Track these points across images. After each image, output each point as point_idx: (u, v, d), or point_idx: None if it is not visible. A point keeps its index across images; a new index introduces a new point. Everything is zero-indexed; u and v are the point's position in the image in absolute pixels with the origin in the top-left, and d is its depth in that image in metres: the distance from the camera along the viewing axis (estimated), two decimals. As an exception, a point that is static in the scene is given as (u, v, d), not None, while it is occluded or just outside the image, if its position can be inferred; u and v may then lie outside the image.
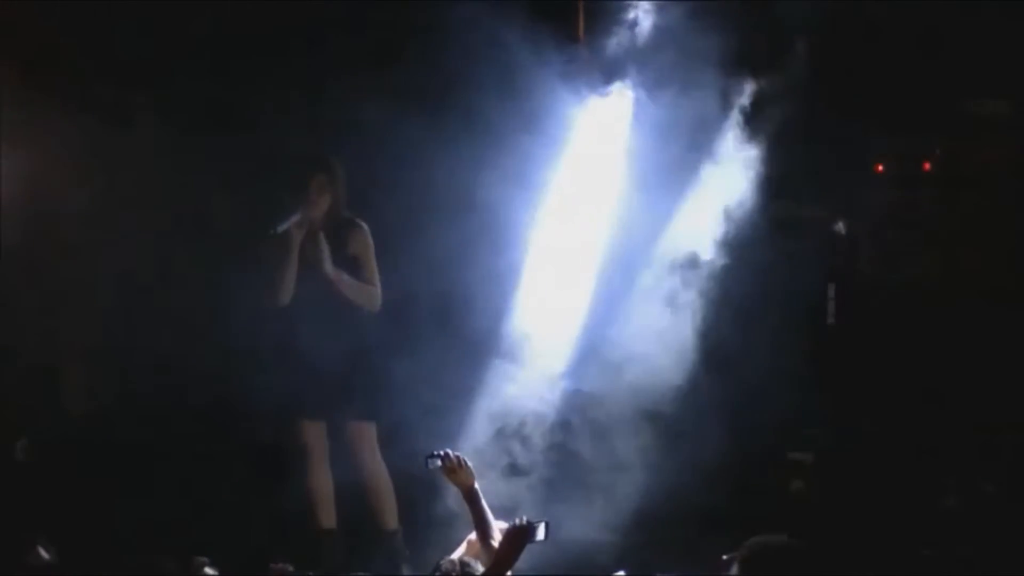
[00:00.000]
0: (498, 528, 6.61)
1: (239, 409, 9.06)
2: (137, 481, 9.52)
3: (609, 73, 9.45)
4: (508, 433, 9.45)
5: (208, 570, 6.70)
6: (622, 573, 6.55)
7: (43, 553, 6.95)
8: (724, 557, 5.72)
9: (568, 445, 9.59)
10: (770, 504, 9.31)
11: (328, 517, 8.76)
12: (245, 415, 9.11)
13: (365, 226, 8.75)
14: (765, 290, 9.48)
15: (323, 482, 8.76)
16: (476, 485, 6.60)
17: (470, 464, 6.61)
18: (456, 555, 6.69)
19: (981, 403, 9.71)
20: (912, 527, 9.30)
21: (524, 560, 6.36)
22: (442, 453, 6.60)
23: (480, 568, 6.27)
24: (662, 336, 9.54)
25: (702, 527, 8.93)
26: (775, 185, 9.62)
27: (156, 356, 9.47)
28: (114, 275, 9.36)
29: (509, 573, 6.29)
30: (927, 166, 10.15)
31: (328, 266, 8.54)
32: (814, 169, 9.51)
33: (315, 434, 8.77)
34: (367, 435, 8.75)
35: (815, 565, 5.51)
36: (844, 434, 8.80)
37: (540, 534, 6.19)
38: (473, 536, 6.84)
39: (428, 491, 8.53)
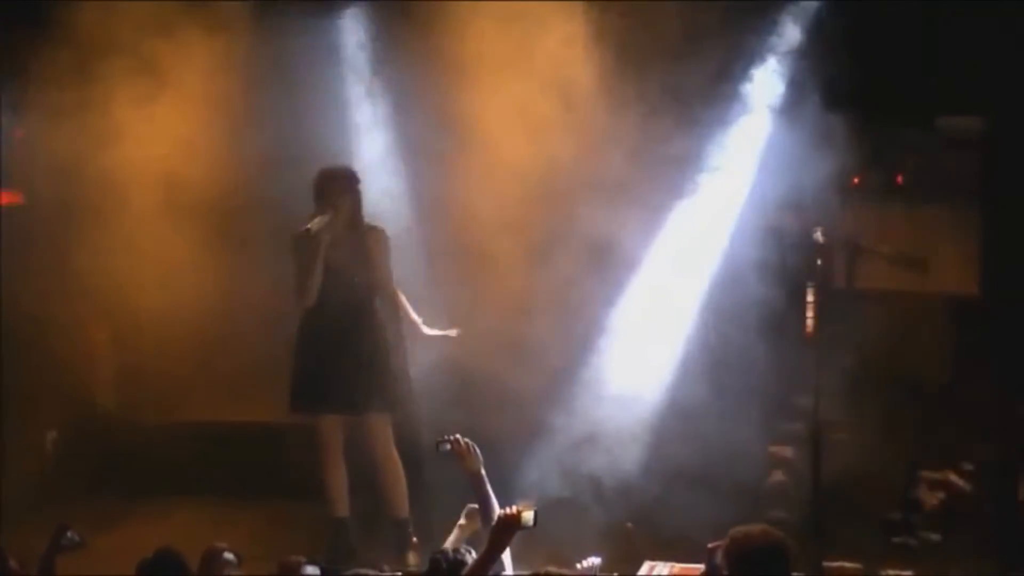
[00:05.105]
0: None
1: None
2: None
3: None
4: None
5: (227, 555, 6.82)
6: (598, 560, 6.57)
7: (74, 536, 7.06)
8: (709, 546, 5.83)
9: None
10: (753, 495, 9.54)
11: (342, 507, 8.98)
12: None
13: (384, 230, 8.95)
14: (747, 296, 9.68)
15: (339, 473, 8.96)
16: (482, 471, 6.69)
17: (477, 450, 6.70)
18: (449, 543, 6.84)
19: (953, 404, 9.96)
20: (887, 517, 9.58)
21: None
22: (452, 438, 6.69)
23: (471, 557, 6.29)
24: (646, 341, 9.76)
25: (688, 517, 8.92)
26: (758, 196, 9.81)
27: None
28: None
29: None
30: (899, 180, 10.42)
31: (412, 316, 8.99)
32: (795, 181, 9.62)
33: (332, 427, 8.96)
34: (383, 428, 8.94)
35: (796, 554, 5.58)
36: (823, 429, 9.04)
37: (529, 520, 6.09)
38: (463, 521, 7.00)
39: (436, 480, 8.72)
